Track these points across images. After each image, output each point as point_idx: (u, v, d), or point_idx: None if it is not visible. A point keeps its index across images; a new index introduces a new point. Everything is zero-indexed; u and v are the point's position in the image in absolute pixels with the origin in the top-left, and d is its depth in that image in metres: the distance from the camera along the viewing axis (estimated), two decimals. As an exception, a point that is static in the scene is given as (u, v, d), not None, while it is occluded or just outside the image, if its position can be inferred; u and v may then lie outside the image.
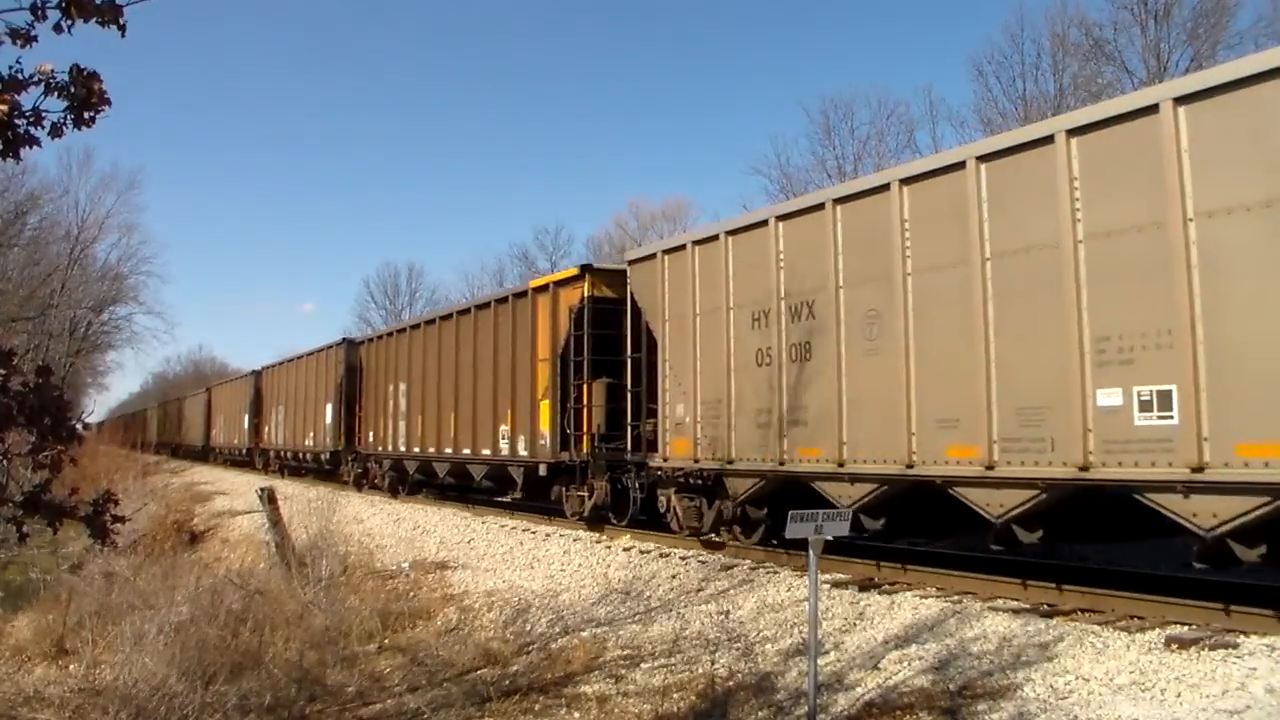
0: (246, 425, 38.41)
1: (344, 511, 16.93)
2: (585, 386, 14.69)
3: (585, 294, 14.82)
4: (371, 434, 24.51)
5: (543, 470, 15.70)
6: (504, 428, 16.97)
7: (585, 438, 14.57)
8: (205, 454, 48.82)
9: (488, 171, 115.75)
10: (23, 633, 12.32)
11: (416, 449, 21.24)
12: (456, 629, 11.02)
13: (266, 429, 35.73)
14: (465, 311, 19.67)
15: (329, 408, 27.25)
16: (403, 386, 22.29)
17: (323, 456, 28.10)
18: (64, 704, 8.22)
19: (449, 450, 19.47)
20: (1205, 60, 25.56)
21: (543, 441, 15.62)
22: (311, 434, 29.04)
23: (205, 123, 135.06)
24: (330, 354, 27.82)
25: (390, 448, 23.01)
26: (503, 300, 17.85)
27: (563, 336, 15.18)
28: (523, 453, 16.29)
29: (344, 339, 27.41)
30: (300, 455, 30.84)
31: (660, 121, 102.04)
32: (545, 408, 15.60)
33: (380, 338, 25.17)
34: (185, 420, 56.41)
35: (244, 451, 39.39)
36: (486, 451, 17.77)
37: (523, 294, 16.99)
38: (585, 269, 15.15)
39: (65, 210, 50.04)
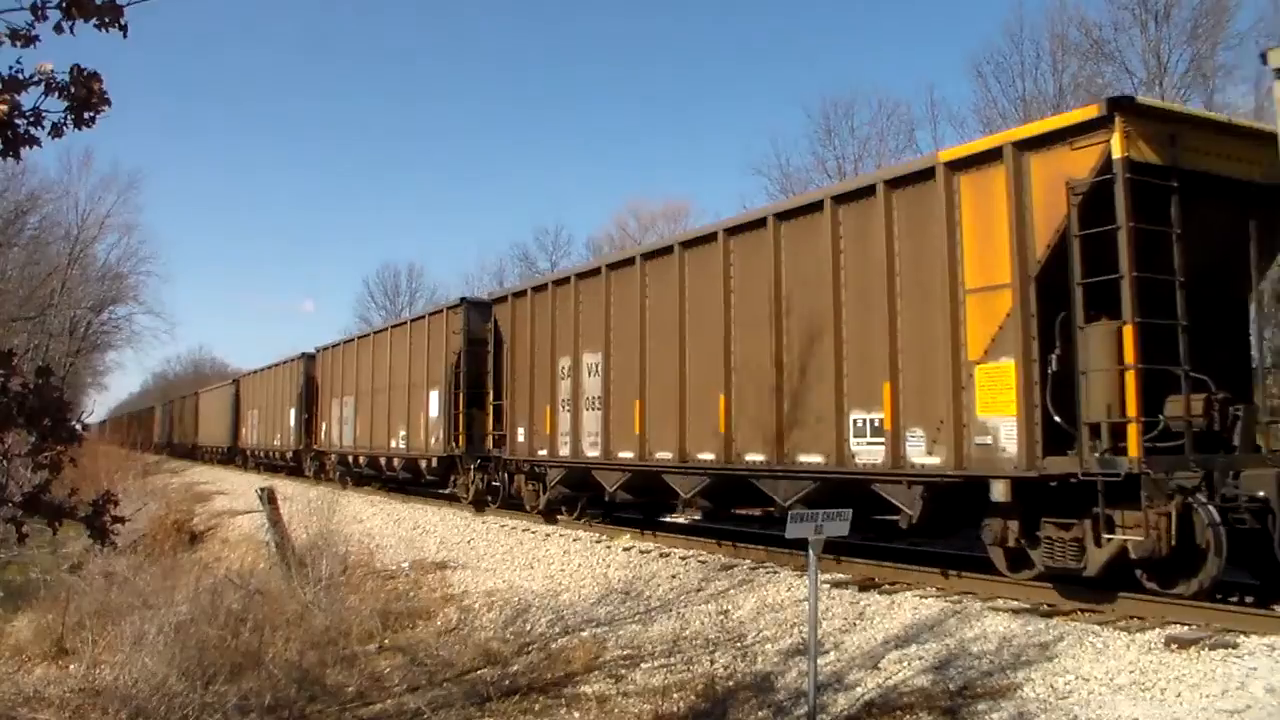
0: (293, 423, 31.32)
1: (344, 511, 16.93)
2: (1129, 333, 7.76)
3: (1113, 154, 7.89)
4: (521, 432, 16.70)
5: (998, 492, 8.42)
6: (863, 416, 9.80)
7: (1133, 430, 7.69)
8: (232, 457, 42.65)
9: (488, 172, 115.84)
10: (23, 633, 12.31)
11: (628, 454, 13.55)
12: (456, 629, 11.02)
13: (324, 427, 28.68)
14: (744, 228, 11.70)
15: (434, 397, 20.25)
16: (590, 359, 14.71)
17: (425, 464, 20.91)
18: (64, 704, 8.22)
19: (708, 456, 11.91)
20: (1205, 60, 25.58)
21: (985, 440, 8.59)
22: (403, 433, 22.11)
23: (205, 123, 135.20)
24: (439, 322, 20.65)
25: (562, 450, 15.30)
26: (851, 196, 10.24)
27: (1045, 240, 8.31)
28: (925, 459, 9.14)
29: (463, 299, 20.22)
30: (384, 462, 23.89)
31: (660, 122, 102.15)
32: (993, 376, 8.57)
33: (537, 290, 16.66)
34: (203, 418, 50.43)
35: (288, 455, 32.72)
36: (813, 458, 10.37)
37: (916, 176, 9.48)
38: (1118, 104, 7.94)
39: (65, 210, 50.04)
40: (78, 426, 4.17)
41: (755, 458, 11.19)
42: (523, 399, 16.75)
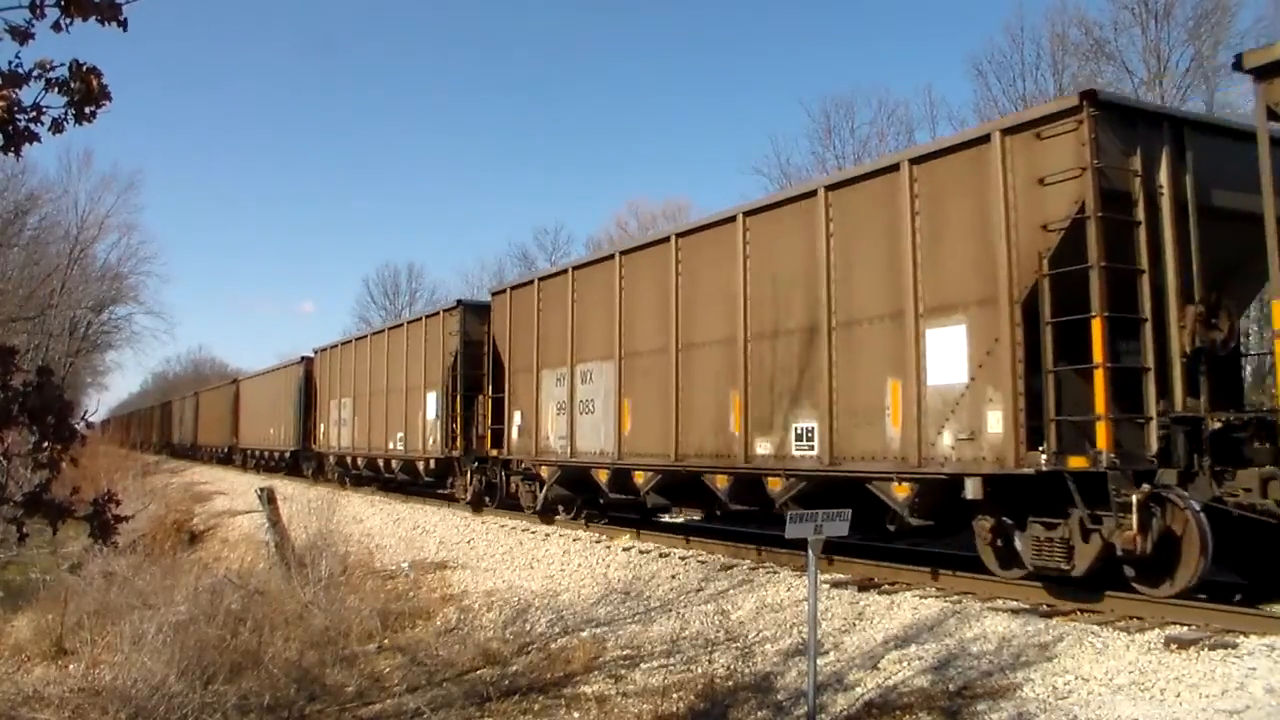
0: (432, 415, 20.34)
1: (344, 511, 16.92)
2: None
3: None
4: None
5: None
6: None
7: None
8: (296, 463, 31.41)
9: (487, 172, 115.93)
10: (22, 633, 12.30)
11: None
12: (456, 629, 11.01)
13: (518, 418, 16.56)
14: None
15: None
16: None
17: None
18: (63, 704, 8.21)
19: None
20: (1206, 60, 25.58)
21: None
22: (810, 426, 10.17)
23: (205, 123, 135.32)
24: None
25: None
26: None
27: None
28: None
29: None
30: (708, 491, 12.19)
31: (660, 121, 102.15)
32: None
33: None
34: (247, 413, 39.61)
35: (424, 466, 21.14)
36: None
37: None
38: None
39: (65, 210, 50.06)
40: (80, 426, 4.18)
41: None
42: None
